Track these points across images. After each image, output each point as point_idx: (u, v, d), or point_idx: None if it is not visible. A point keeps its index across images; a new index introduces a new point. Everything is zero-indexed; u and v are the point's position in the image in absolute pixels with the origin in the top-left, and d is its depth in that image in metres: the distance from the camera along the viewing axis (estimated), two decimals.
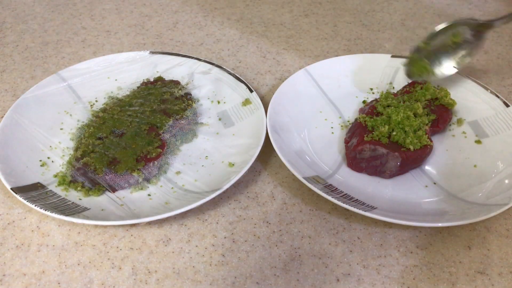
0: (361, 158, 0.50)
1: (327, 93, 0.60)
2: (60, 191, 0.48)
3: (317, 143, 0.54)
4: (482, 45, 0.59)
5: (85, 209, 0.46)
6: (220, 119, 0.58)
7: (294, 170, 0.47)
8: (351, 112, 0.58)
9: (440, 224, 0.43)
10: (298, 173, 0.47)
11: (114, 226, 0.46)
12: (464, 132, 0.55)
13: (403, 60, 0.61)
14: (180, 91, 0.58)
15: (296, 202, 0.49)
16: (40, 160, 0.51)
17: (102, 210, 0.46)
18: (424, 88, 0.56)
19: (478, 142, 0.54)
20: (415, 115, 0.52)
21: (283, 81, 0.59)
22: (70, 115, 0.57)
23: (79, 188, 0.48)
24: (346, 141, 0.53)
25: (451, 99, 0.55)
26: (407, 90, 0.57)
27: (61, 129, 0.56)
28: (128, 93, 0.59)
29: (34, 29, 0.76)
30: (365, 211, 0.44)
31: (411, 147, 0.48)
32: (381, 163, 0.49)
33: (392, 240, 0.45)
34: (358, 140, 0.50)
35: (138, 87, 0.60)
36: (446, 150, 0.53)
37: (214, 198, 0.45)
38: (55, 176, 0.49)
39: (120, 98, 0.58)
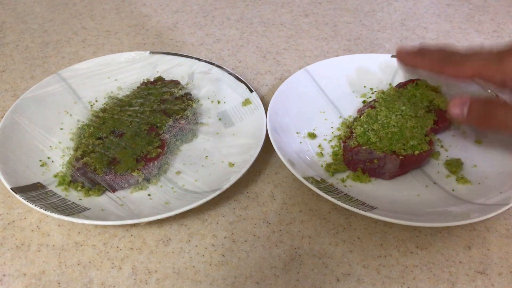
0: (357, 160, 0.50)
1: (327, 93, 0.60)
2: (60, 191, 0.48)
3: (317, 143, 0.54)
4: None
5: (85, 209, 0.46)
6: (220, 119, 0.58)
7: (294, 170, 0.47)
8: (351, 112, 0.58)
9: (440, 224, 0.43)
10: (298, 173, 0.47)
11: (114, 226, 0.46)
12: (464, 132, 0.55)
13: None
14: (180, 91, 0.58)
15: (296, 202, 0.48)
16: (40, 160, 0.51)
17: (102, 210, 0.46)
18: (420, 87, 0.56)
19: (478, 142, 0.54)
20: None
21: (283, 81, 0.59)
22: (70, 115, 0.57)
23: (79, 188, 0.48)
24: (343, 141, 0.53)
25: None
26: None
27: (61, 129, 0.56)
28: (128, 93, 0.59)
29: (34, 29, 0.76)
30: (365, 211, 0.44)
31: (410, 151, 0.48)
32: (379, 166, 0.49)
33: (392, 240, 0.45)
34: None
35: (138, 87, 0.60)
36: (446, 150, 0.53)
37: (214, 198, 0.45)
38: (55, 176, 0.49)
39: (120, 98, 0.58)
